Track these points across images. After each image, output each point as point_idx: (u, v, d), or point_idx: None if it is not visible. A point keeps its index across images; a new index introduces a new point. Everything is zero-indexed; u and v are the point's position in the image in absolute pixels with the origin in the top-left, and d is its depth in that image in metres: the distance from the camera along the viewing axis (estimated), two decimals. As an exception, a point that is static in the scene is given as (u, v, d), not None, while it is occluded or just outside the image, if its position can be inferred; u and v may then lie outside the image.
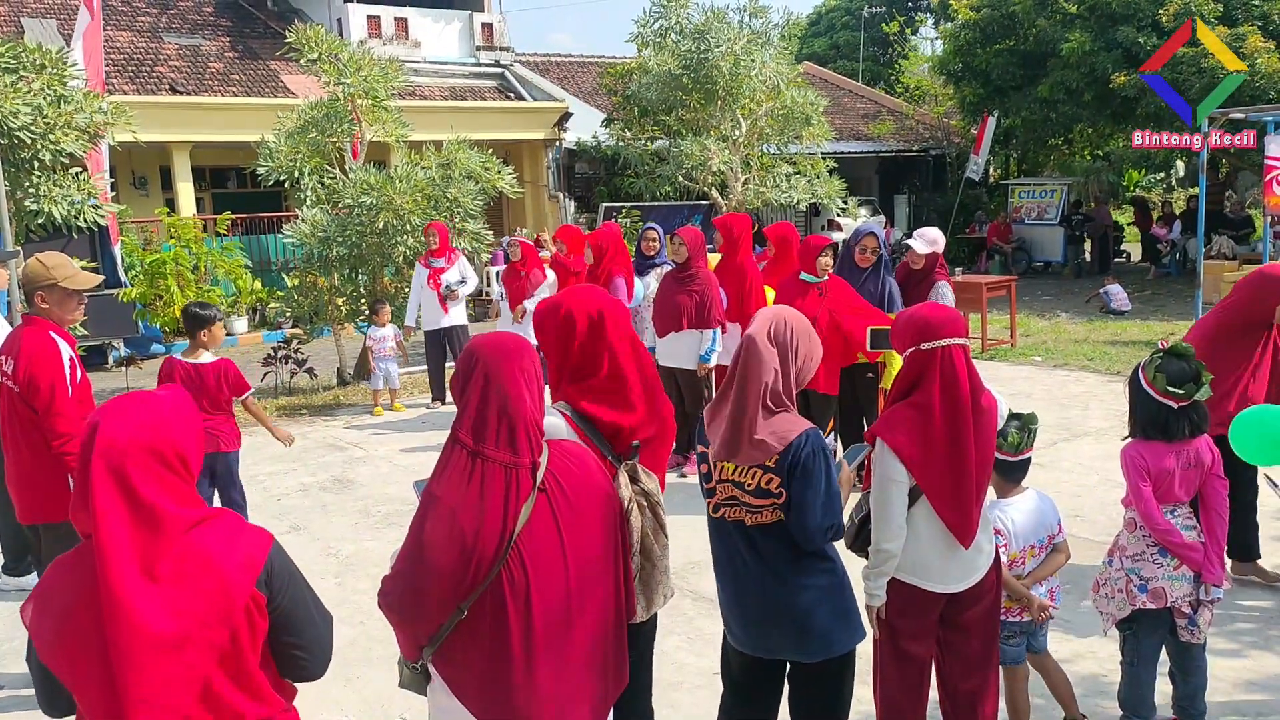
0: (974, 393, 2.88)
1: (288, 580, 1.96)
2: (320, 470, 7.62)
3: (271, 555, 1.95)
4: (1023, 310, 13.33)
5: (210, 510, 1.94)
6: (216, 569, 1.85)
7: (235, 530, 1.94)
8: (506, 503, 2.06)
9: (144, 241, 13.53)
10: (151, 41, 18.27)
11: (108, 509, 1.79)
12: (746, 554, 2.81)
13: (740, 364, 2.69)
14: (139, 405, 1.91)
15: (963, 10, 19.35)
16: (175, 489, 1.87)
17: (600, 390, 2.64)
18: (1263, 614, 4.52)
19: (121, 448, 1.83)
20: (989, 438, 2.94)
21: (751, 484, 2.73)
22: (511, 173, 11.15)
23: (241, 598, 1.86)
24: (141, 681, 1.77)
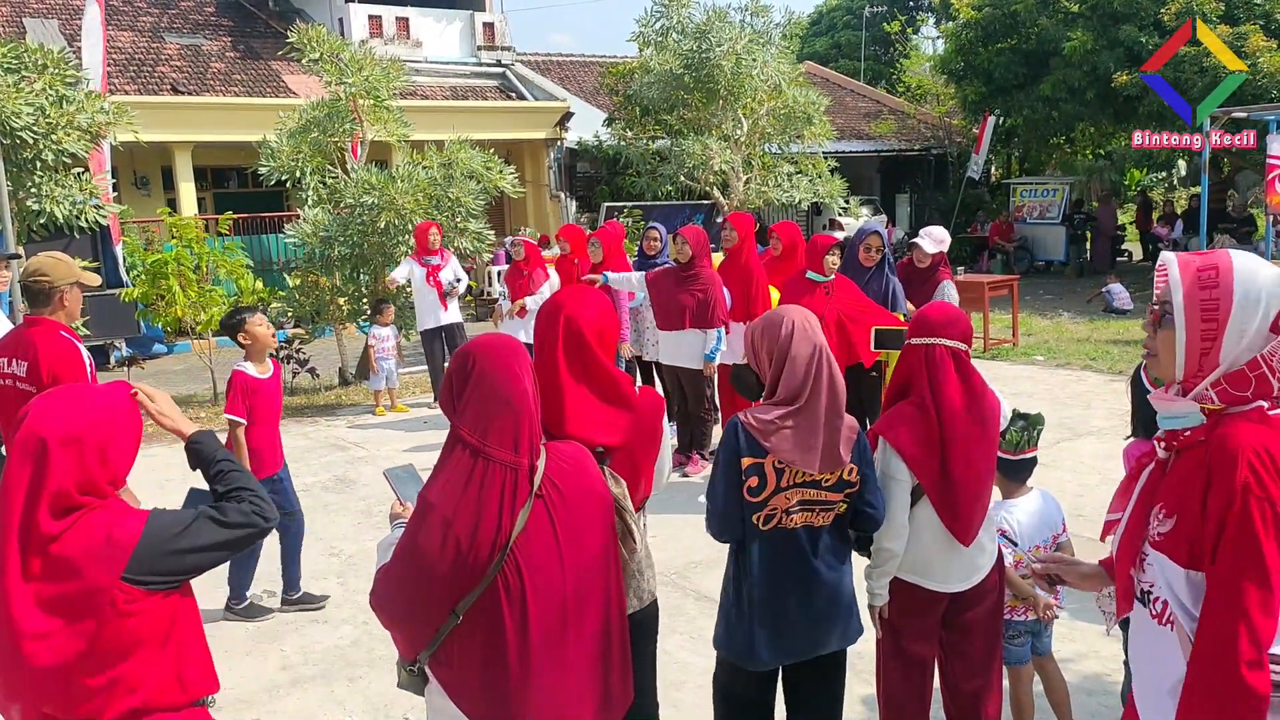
0: (968, 394, 2.89)
1: (163, 547, 2.00)
2: (322, 470, 7.62)
3: (139, 544, 1.97)
4: (1025, 309, 13.33)
5: (84, 511, 1.98)
6: (78, 568, 1.92)
7: (105, 524, 1.98)
8: (502, 507, 2.05)
9: (145, 241, 13.53)
10: (153, 41, 18.28)
11: (14, 496, 1.90)
12: (813, 557, 2.75)
13: (826, 376, 2.67)
14: (74, 397, 2.00)
15: (964, 9, 19.35)
16: (86, 482, 1.96)
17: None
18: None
19: (43, 435, 1.92)
20: (989, 440, 2.93)
21: (832, 479, 2.70)
22: (513, 172, 11.16)
23: (105, 595, 1.93)
24: (12, 667, 1.90)
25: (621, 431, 2.51)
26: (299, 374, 10.51)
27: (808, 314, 2.76)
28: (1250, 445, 1.77)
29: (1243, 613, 1.72)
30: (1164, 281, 1.87)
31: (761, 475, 2.65)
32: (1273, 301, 1.79)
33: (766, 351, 2.73)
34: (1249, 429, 1.79)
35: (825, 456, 2.66)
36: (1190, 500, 1.83)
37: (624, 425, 2.52)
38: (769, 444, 2.64)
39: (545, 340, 2.49)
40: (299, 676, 4.37)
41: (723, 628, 2.88)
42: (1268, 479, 1.75)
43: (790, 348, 2.68)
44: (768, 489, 2.66)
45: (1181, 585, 1.86)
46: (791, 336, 2.69)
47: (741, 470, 2.65)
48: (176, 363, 13.25)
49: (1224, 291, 1.79)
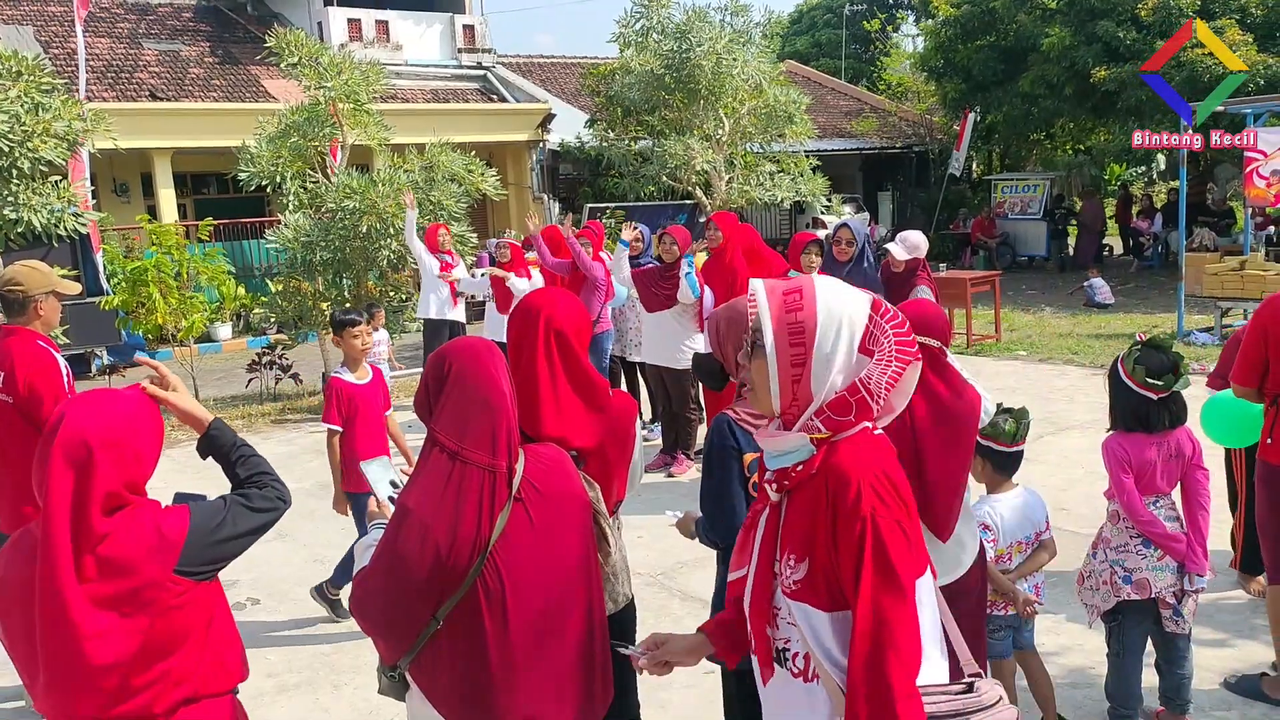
0: (944, 390, 2.89)
1: (218, 543, 2.06)
2: (306, 476, 7.58)
3: (189, 537, 2.02)
4: (1007, 305, 13.38)
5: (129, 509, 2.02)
6: (132, 565, 1.95)
7: (152, 520, 2.02)
8: (480, 511, 2.04)
9: (125, 249, 13.44)
10: (131, 48, 18.17)
11: (59, 500, 1.91)
12: None
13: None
14: (105, 401, 2.03)
15: (943, 7, 19.42)
16: (130, 482, 1.99)
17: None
18: (1247, 603, 4.55)
19: (83, 440, 1.94)
20: (960, 435, 2.93)
21: None
22: (495, 175, 11.14)
23: (159, 588, 1.97)
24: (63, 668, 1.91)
25: (595, 434, 2.49)
26: (282, 379, 10.45)
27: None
28: (867, 468, 1.72)
29: (891, 643, 1.64)
30: (754, 310, 1.79)
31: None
32: (856, 322, 1.75)
33: (734, 345, 2.64)
34: (859, 452, 1.74)
35: None
36: (818, 538, 1.74)
37: (598, 428, 2.51)
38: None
39: (523, 341, 2.45)
40: (284, 684, 4.35)
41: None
42: (889, 499, 1.70)
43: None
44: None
45: (826, 631, 1.76)
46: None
47: (745, 466, 2.59)
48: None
49: (808, 314, 1.73)
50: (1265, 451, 3.70)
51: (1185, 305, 11.42)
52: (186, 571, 2.00)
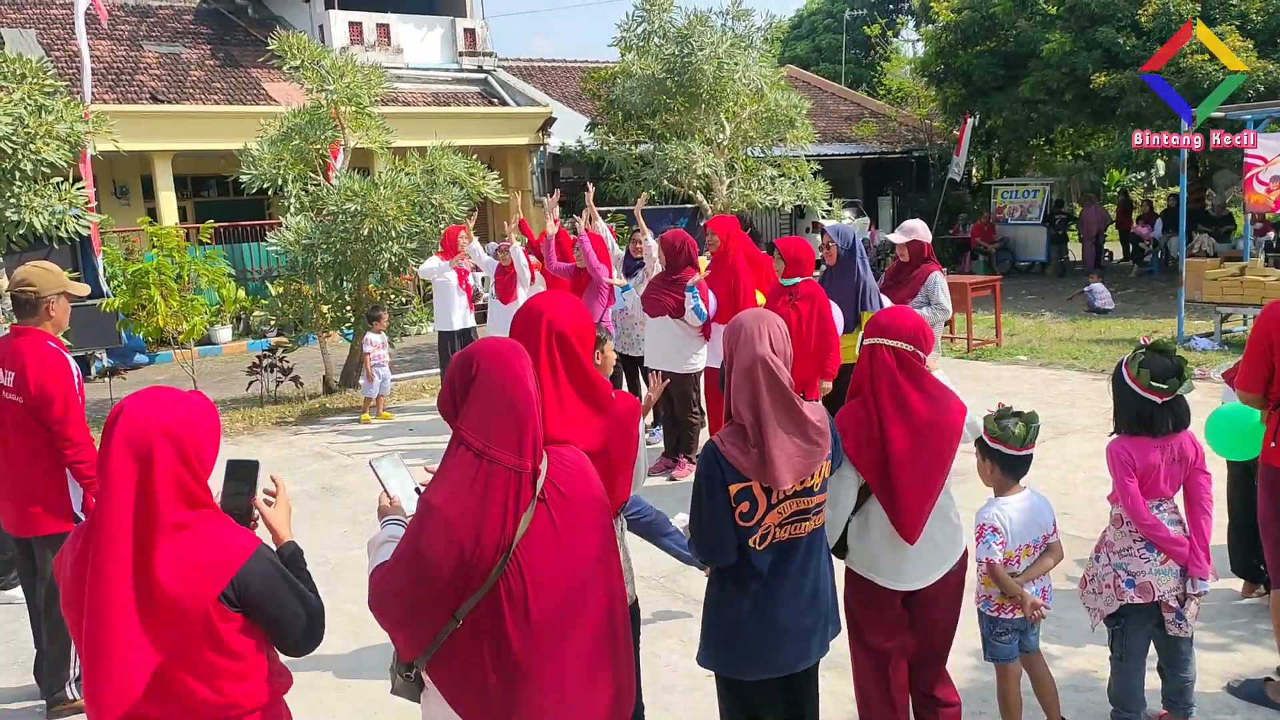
0: (916, 395, 2.92)
1: (264, 590, 2.06)
2: (307, 479, 7.58)
3: (245, 569, 2.03)
4: (1007, 310, 13.40)
5: (211, 512, 2.05)
6: (185, 576, 1.96)
7: (218, 538, 2.04)
8: (505, 511, 2.05)
9: (126, 251, 13.45)
10: (132, 50, 18.18)
11: (118, 492, 1.93)
12: (811, 566, 2.73)
13: (763, 385, 2.57)
14: (166, 396, 2.05)
15: (943, 12, 19.46)
16: (184, 483, 2.00)
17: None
18: (1250, 607, 4.55)
19: (146, 431, 1.96)
20: (931, 443, 2.93)
21: (819, 480, 2.67)
22: (496, 178, 11.14)
23: (201, 606, 1.98)
24: (112, 661, 1.93)
25: (600, 435, 2.50)
26: (282, 383, 10.45)
27: (764, 319, 2.67)
28: None
29: None
30: None
31: (752, 499, 2.60)
32: None
33: (726, 359, 2.70)
34: None
35: (797, 468, 2.60)
36: None
37: (602, 430, 2.51)
38: (742, 469, 2.59)
39: (525, 343, 2.43)
40: (286, 686, 4.34)
41: (711, 647, 2.80)
42: None
43: (735, 359, 2.63)
44: (760, 510, 2.61)
45: None
46: (737, 346, 2.63)
47: (731, 497, 2.60)
48: (158, 373, 13.16)
49: None
50: (1269, 455, 3.71)
51: (1185, 311, 11.43)
52: (230, 600, 2.01)
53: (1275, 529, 3.71)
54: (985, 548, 3.33)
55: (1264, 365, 3.67)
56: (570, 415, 2.44)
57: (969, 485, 3.77)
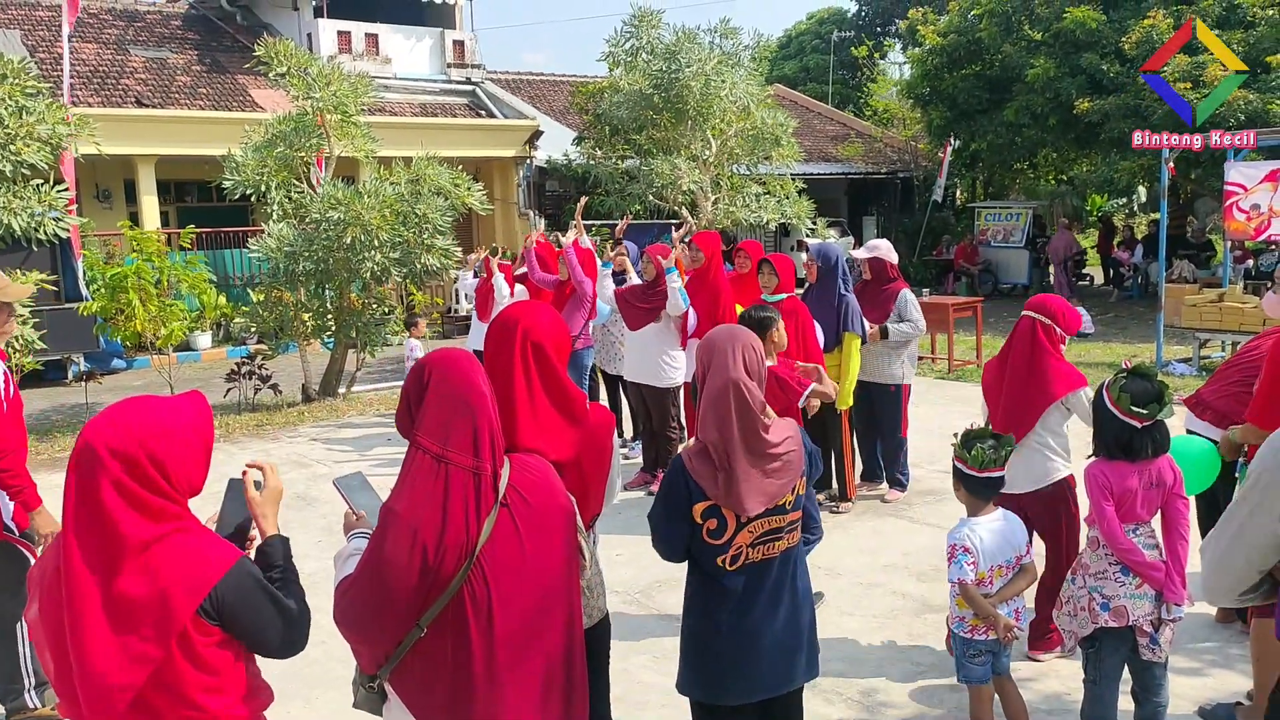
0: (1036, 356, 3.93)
1: (242, 604, 2.03)
2: (283, 488, 7.51)
3: (223, 582, 2.00)
4: (989, 331, 13.45)
5: (175, 525, 1.99)
6: (158, 592, 1.93)
7: (193, 551, 1.99)
8: (468, 514, 2.03)
9: (106, 255, 13.33)
10: (118, 54, 18.10)
11: (73, 515, 1.92)
12: (787, 585, 2.67)
13: (733, 413, 2.53)
14: (130, 412, 2.00)
15: (930, 36, 19.63)
16: (140, 500, 1.94)
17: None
18: (1224, 633, 4.56)
19: (95, 452, 1.92)
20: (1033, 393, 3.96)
21: (792, 498, 2.63)
22: (481, 189, 11.13)
23: (178, 623, 1.94)
24: (91, 683, 1.90)
25: (573, 447, 2.47)
26: (261, 390, 10.37)
27: (738, 338, 2.62)
28: None
29: None
30: None
31: (720, 518, 2.56)
32: None
33: (699, 377, 2.65)
34: None
35: (764, 495, 2.55)
36: None
37: (575, 441, 2.49)
38: (708, 491, 2.55)
39: (500, 353, 2.43)
40: (254, 698, 4.28)
41: (689, 671, 2.75)
42: None
43: (708, 380, 2.59)
44: (729, 530, 2.57)
45: None
46: (710, 366, 2.59)
47: (695, 515, 2.57)
48: (136, 378, 13.04)
49: None
50: None
51: (1164, 336, 11.52)
52: (209, 613, 1.98)
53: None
54: (957, 568, 3.34)
55: None
56: (544, 425, 2.41)
57: (952, 505, 3.76)
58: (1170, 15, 15.58)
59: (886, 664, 4.36)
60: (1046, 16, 17.21)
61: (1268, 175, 10.72)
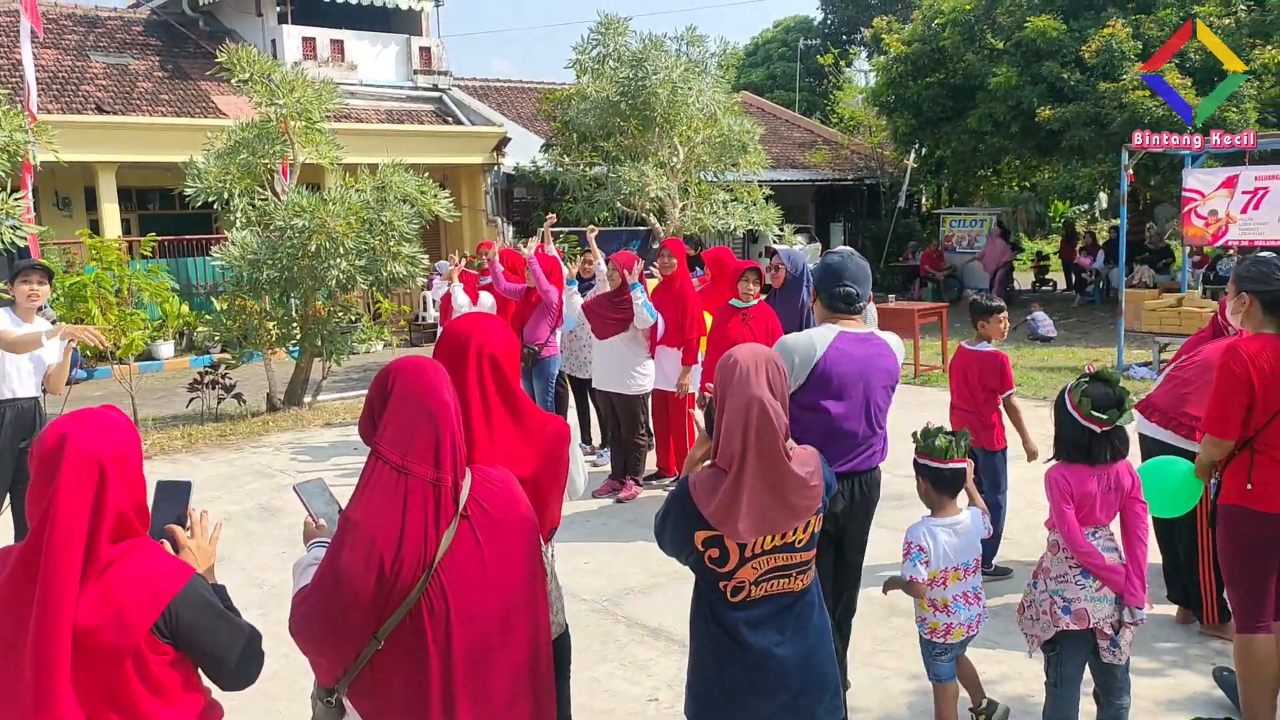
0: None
1: (196, 620, 1.99)
2: (246, 498, 7.42)
3: (177, 599, 1.96)
4: (954, 336, 13.51)
5: (135, 541, 1.97)
6: (113, 611, 1.89)
7: (150, 567, 1.96)
8: (427, 527, 2.01)
9: (66, 264, 13.13)
10: (78, 60, 17.85)
11: (70, 516, 1.85)
12: (794, 625, 2.50)
13: (753, 431, 2.37)
14: (105, 419, 1.98)
15: (894, 44, 19.81)
16: (134, 502, 1.95)
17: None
18: (1183, 634, 4.62)
19: (97, 455, 1.89)
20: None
21: (804, 537, 2.47)
22: (448, 197, 11.07)
23: (133, 641, 1.90)
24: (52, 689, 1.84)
25: (529, 461, 2.44)
26: (224, 399, 10.25)
27: (761, 357, 2.48)
28: None
29: None
30: None
31: (722, 548, 2.41)
32: None
33: (717, 396, 2.49)
34: None
35: (764, 524, 2.39)
36: None
37: (532, 454, 2.46)
38: (712, 520, 2.39)
39: (454, 367, 2.35)
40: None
41: (691, 699, 2.59)
42: None
43: (728, 399, 2.43)
44: (731, 561, 2.42)
45: None
46: (730, 384, 2.43)
47: (697, 543, 2.43)
48: (96, 388, 12.83)
49: None
50: (1243, 497, 3.48)
51: (1125, 340, 11.68)
52: (162, 631, 1.94)
53: (1242, 571, 3.54)
54: (910, 565, 3.38)
55: (1243, 408, 3.41)
56: (499, 439, 2.39)
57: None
58: (1129, 24, 15.82)
59: (852, 668, 4.37)
60: (1008, 25, 17.43)
61: (1224, 181, 10.92)
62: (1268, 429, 3.39)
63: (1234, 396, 3.42)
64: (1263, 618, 3.49)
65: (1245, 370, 3.38)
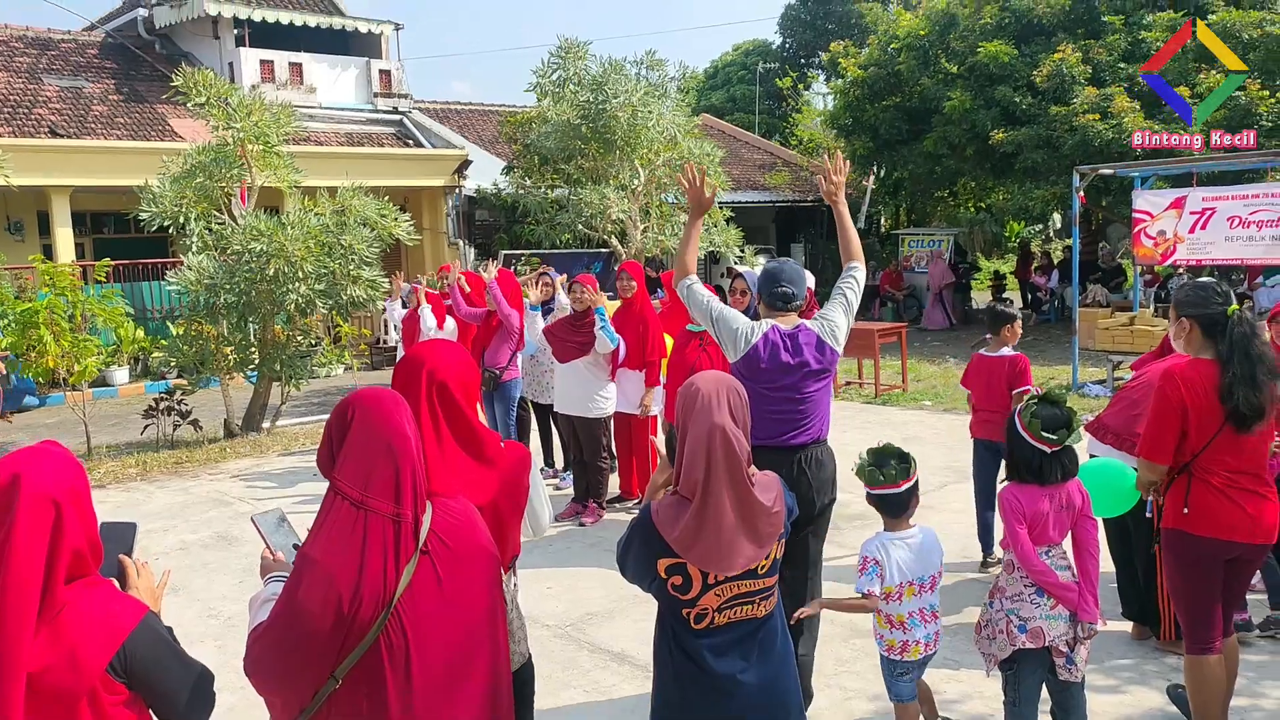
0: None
1: (151, 659, 1.95)
2: (202, 527, 7.31)
3: (130, 639, 1.93)
4: (913, 356, 13.73)
5: (86, 581, 1.93)
6: (67, 653, 1.85)
7: (102, 606, 1.92)
8: (386, 563, 1.98)
9: (18, 289, 12.90)
10: (30, 83, 17.60)
11: (29, 555, 1.81)
12: (757, 651, 2.49)
13: (717, 459, 2.36)
14: (55, 455, 1.94)
15: (851, 68, 20.09)
16: (88, 539, 1.92)
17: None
18: (1140, 650, 4.69)
19: (51, 494, 1.85)
20: None
21: (767, 563, 2.47)
22: (409, 220, 11.03)
23: (87, 683, 1.87)
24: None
25: (486, 489, 2.42)
26: (180, 426, 10.10)
27: (722, 384, 2.48)
28: None
29: None
30: None
31: (685, 575, 2.40)
32: None
33: (679, 423, 2.48)
34: None
35: (740, 554, 2.39)
36: None
37: (489, 482, 2.44)
38: (676, 547, 2.38)
39: (406, 394, 2.32)
40: (170, 748, 4.13)
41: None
42: None
43: (689, 426, 2.42)
44: (694, 588, 2.40)
45: None
46: (692, 413, 2.42)
47: (660, 570, 2.42)
48: (49, 415, 12.60)
49: None
50: (1180, 521, 3.53)
51: (1079, 358, 11.89)
52: (117, 670, 1.90)
53: (1186, 593, 3.60)
54: (866, 579, 3.41)
55: (1177, 433, 3.45)
56: (453, 467, 2.36)
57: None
58: (1079, 49, 16.17)
59: (815, 689, 4.39)
60: (962, 50, 17.75)
61: (1172, 203, 11.17)
62: (1204, 454, 3.46)
63: (1167, 421, 3.48)
64: (1211, 639, 3.54)
65: (1179, 395, 3.44)
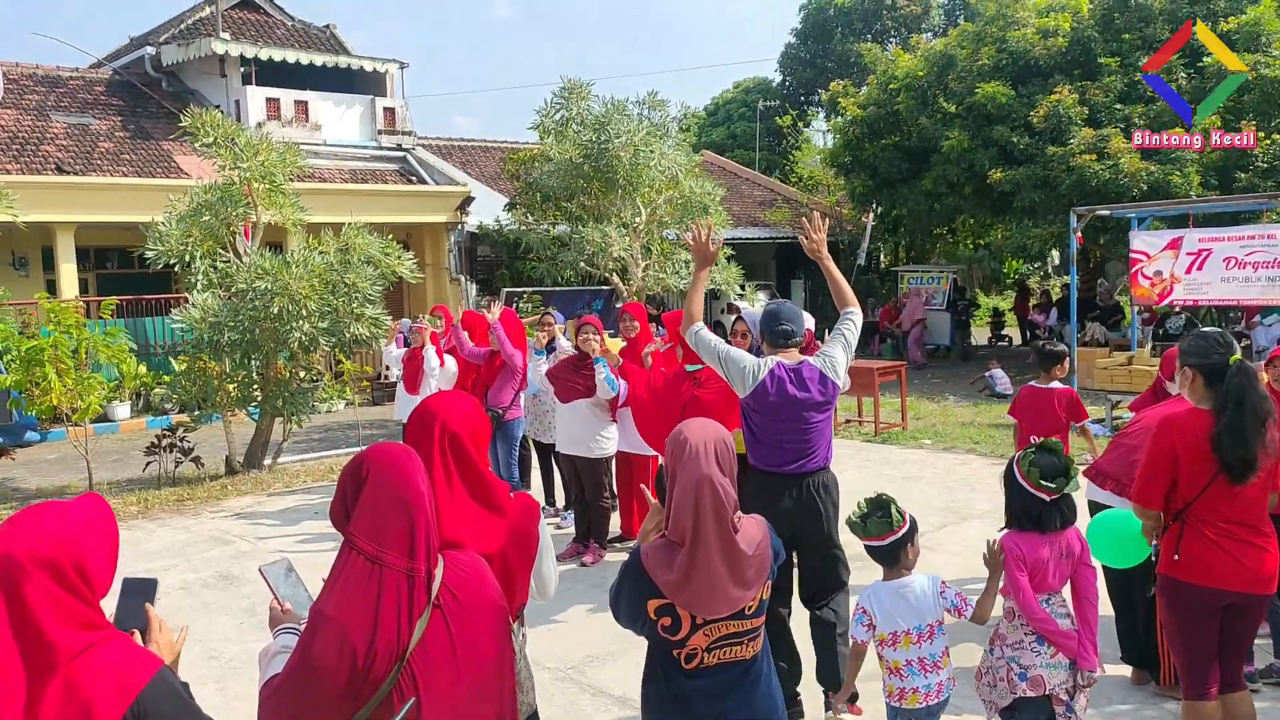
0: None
1: (164, 713, 1.94)
2: (204, 566, 7.31)
3: (145, 692, 1.92)
4: (913, 393, 13.77)
5: (100, 635, 1.92)
6: (81, 705, 1.84)
7: (117, 660, 1.92)
8: (400, 617, 2.02)
9: (21, 325, 12.98)
10: (38, 120, 17.79)
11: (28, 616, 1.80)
12: (744, 692, 2.55)
13: (705, 509, 2.44)
14: (42, 516, 1.92)
15: (850, 107, 20.32)
16: (69, 609, 1.87)
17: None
18: (1139, 695, 4.69)
19: (17, 562, 1.83)
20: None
21: (754, 604, 2.53)
22: (412, 257, 11.13)
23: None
24: None
25: (496, 538, 2.47)
26: (182, 463, 10.12)
27: (709, 433, 2.54)
28: None
29: None
30: None
31: (675, 616, 2.48)
32: None
33: (668, 471, 2.56)
34: None
35: (727, 598, 2.47)
36: None
37: (498, 532, 2.49)
38: (665, 590, 2.46)
39: (419, 445, 2.40)
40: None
41: None
42: None
43: (677, 474, 2.49)
44: (683, 629, 2.48)
45: None
46: (680, 462, 2.49)
47: (650, 612, 2.50)
48: (50, 451, 12.62)
49: None
50: (1170, 567, 3.57)
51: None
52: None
53: (1182, 640, 3.62)
54: (854, 626, 3.45)
55: (1167, 480, 3.51)
56: (465, 517, 2.41)
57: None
58: (1075, 90, 16.37)
59: (817, 735, 4.39)
60: (960, 91, 17.96)
61: (1169, 244, 11.28)
62: (1197, 503, 3.49)
63: (1158, 468, 3.53)
64: (1207, 685, 3.55)
65: (1171, 443, 3.49)
